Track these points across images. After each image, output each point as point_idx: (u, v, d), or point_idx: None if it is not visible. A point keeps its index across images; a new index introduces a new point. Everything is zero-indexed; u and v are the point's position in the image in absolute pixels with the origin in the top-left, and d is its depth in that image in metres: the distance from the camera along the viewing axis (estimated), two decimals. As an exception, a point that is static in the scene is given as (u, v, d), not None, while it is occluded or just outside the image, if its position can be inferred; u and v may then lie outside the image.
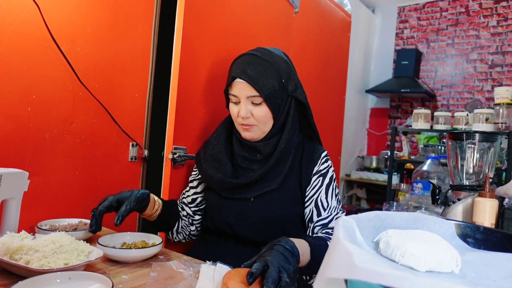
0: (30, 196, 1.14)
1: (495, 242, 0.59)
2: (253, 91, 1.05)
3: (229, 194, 1.13)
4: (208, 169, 1.16)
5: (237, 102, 1.10)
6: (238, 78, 1.06)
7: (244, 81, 1.05)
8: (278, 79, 1.07)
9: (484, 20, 4.08)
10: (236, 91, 1.07)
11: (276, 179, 1.10)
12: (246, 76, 1.05)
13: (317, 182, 1.13)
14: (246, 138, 1.12)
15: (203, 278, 0.83)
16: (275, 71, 1.07)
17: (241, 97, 1.07)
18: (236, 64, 1.10)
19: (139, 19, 1.46)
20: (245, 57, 1.10)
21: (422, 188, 1.92)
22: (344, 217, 0.53)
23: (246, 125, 1.09)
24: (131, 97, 1.48)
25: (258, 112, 1.07)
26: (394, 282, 0.36)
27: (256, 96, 1.05)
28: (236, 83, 1.07)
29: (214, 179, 1.13)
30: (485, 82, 4.07)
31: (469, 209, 1.17)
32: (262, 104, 1.07)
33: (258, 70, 1.05)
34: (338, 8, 2.48)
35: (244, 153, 1.14)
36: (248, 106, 1.07)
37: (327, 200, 1.11)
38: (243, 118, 1.08)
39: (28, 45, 1.16)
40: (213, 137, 1.22)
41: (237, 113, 1.09)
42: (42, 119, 1.21)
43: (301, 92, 1.14)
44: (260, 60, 1.07)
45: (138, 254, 0.95)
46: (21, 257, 0.79)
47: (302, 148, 1.18)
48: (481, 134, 1.30)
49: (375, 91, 4.44)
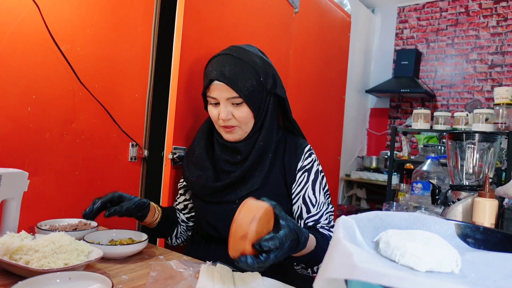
0: (30, 196, 1.14)
1: (495, 242, 0.59)
2: (232, 93, 1.03)
3: (212, 198, 1.12)
4: (190, 176, 1.15)
5: (216, 104, 1.07)
6: (215, 81, 1.04)
7: (222, 83, 1.03)
8: (256, 78, 1.05)
9: (484, 20, 4.08)
10: (215, 93, 1.05)
11: (257, 179, 1.08)
12: (224, 78, 1.02)
13: (303, 178, 1.10)
14: (229, 139, 1.10)
15: (203, 278, 0.83)
16: (253, 70, 1.05)
17: (221, 99, 1.05)
18: (211, 65, 1.07)
19: (139, 19, 1.46)
20: (220, 57, 1.07)
21: (422, 188, 1.92)
22: (344, 217, 0.53)
23: (228, 126, 1.07)
24: (131, 97, 1.48)
25: (239, 113, 1.05)
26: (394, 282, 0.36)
27: (236, 97, 1.03)
28: (214, 85, 1.04)
29: (196, 186, 1.13)
30: (485, 82, 4.07)
31: (469, 209, 1.17)
32: (243, 104, 1.05)
33: (236, 70, 1.03)
34: (338, 8, 2.48)
35: (225, 156, 1.12)
36: (228, 108, 1.05)
37: (315, 196, 1.10)
38: (224, 121, 1.06)
39: (28, 45, 1.16)
40: (194, 144, 1.20)
41: (217, 115, 1.06)
42: (42, 119, 1.21)
43: (280, 87, 1.12)
44: (236, 60, 1.05)
45: (123, 250, 0.96)
46: (21, 257, 0.79)
47: (284, 144, 1.15)
48: (481, 134, 1.30)
49: (375, 91, 4.44)
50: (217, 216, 1.11)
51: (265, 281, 0.87)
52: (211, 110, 1.09)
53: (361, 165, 4.54)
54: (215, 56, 1.10)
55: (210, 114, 1.10)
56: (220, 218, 1.11)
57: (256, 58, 1.08)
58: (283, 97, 1.13)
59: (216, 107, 1.07)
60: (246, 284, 0.84)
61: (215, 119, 1.09)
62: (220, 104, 1.06)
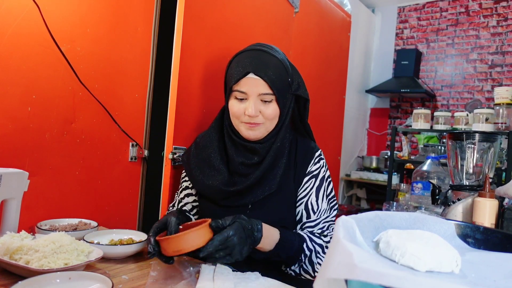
0: (30, 196, 1.14)
1: (495, 242, 0.59)
2: (267, 89, 0.98)
3: (226, 202, 1.06)
4: (202, 177, 1.08)
5: (242, 99, 1.01)
6: (251, 74, 0.98)
7: (258, 77, 0.98)
8: (287, 77, 1.03)
9: (484, 20, 4.08)
10: (246, 87, 0.99)
11: (273, 182, 1.04)
12: (262, 72, 0.97)
13: (309, 184, 1.09)
14: (249, 137, 1.04)
15: (203, 278, 0.83)
16: (284, 69, 1.03)
17: (251, 94, 0.99)
18: (244, 58, 1.01)
19: (139, 19, 1.46)
20: (253, 52, 1.02)
21: (422, 188, 1.92)
22: (344, 217, 0.53)
23: (252, 123, 1.01)
24: (131, 97, 1.48)
25: (267, 110, 1.01)
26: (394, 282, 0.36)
27: (269, 94, 0.99)
28: (247, 79, 0.99)
29: (209, 189, 1.06)
30: (485, 82, 4.07)
31: (469, 209, 1.17)
32: (273, 102, 1.01)
33: (272, 67, 0.99)
34: (338, 8, 2.48)
35: (240, 159, 1.06)
36: (257, 104, 1.00)
37: (317, 203, 1.08)
38: (250, 117, 1.00)
39: (28, 45, 1.16)
40: (204, 140, 1.13)
41: (243, 111, 1.01)
42: (42, 119, 1.21)
43: (304, 89, 1.10)
44: (271, 57, 1.01)
45: (123, 250, 0.96)
46: (21, 257, 0.79)
47: (296, 145, 1.12)
48: (481, 134, 1.30)
49: (375, 91, 4.44)
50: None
51: (265, 281, 0.87)
52: (235, 104, 1.02)
53: (361, 165, 4.54)
54: (244, 50, 1.05)
55: (232, 109, 1.03)
56: None
57: (285, 58, 1.06)
58: (307, 99, 1.10)
59: (242, 102, 1.01)
60: (246, 284, 0.84)
61: (237, 114, 1.02)
62: (248, 99, 1.00)
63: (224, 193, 1.04)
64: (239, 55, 1.04)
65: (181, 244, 0.81)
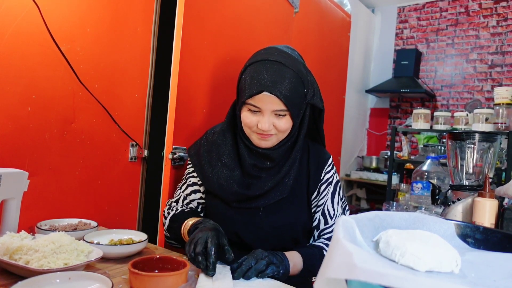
0: (30, 196, 1.14)
1: (495, 242, 0.59)
2: (281, 105, 0.97)
3: (238, 204, 1.06)
4: (214, 174, 1.07)
5: (256, 112, 1.00)
6: (266, 92, 0.96)
7: (274, 96, 0.96)
8: (302, 89, 1.01)
9: (484, 20, 4.08)
10: (261, 103, 0.97)
11: (286, 187, 1.05)
12: (277, 91, 0.95)
13: (326, 192, 1.11)
14: (261, 146, 1.04)
15: (203, 278, 0.83)
16: (300, 82, 1.00)
17: (266, 111, 0.98)
18: (259, 71, 0.98)
19: (139, 19, 1.46)
20: (269, 64, 0.98)
21: (422, 188, 1.92)
22: (344, 217, 0.53)
23: (264, 135, 1.01)
24: (131, 97, 1.48)
25: (281, 124, 1.00)
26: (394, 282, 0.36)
27: (283, 110, 0.98)
28: (263, 96, 0.96)
29: (225, 189, 1.05)
30: (485, 82, 4.07)
31: (469, 209, 1.17)
32: (286, 115, 1.00)
33: (287, 83, 0.97)
34: (338, 8, 2.48)
35: (252, 161, 1.06)
36: (270, 119, 0.99)
37: (333, 208, 1.11)
38: (264, 130, 0.99)
39: (28, 45, 1.16)
40: (217, 137, 1.11)
41: (256, 123, 1.00)
42: (42, 119, 1.21)
43: (318, 97, 1.09)
44: (287, 71, 0.98)
45: (123, 250, 0.96)
46: (20, 257, 0.79)
47: (308, 151, 1.13)
48: (480, 134, 1.30)
49: (375, 91, 4.44)
50: (242, 223, 1.07)
51: (265, 281, 0.87)
52: (248, 116, 1.01)
53: (361, 165, 4.54)
54: (259, 59, 1.00)
55: (245, 120, 1.02)
56: (245, 225, 1.07)
57: (301, 66, 1.03)
58: (322, 109, 1.10)
59: (255, 114, 1.00)
60: (246, 284, 0.84)
61: (250, 125, 1.02)
62: (261, 113, 0.99)
63: (239, 195, 1.05)
64: (254, 65, 1.01)
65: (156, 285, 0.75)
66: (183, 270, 0.79)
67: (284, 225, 1.06)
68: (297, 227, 1.08)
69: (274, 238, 1.07)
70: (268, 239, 1.07)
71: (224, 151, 1.09)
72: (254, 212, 1.06)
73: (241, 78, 1.04)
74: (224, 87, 1.54)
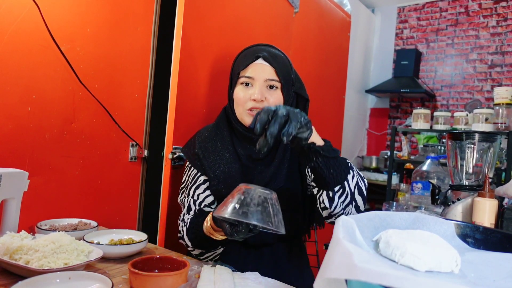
0: (30, 196, 1.14)
1: (494, 242, 0.59)
2: (274, 75, 1.03)
3: None
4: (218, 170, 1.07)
5: (248, 85, 1.04)
6: (261, 59, 1.03)
7: (267, 64, 1.03)
8: (290, 72, 1.08)
9: (484, 20, 4.08)
10: (254, 72, 1.03)
11: (281, 177, 1.07)
12: (271, 58, 1.03)
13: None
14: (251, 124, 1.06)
15: (204, 278, 0.83)
16: (289, 65, 1.08)
17: (259, 80, 1.02)
18: (253, 48, 1.07)
19: (139, 19, 1.46)
20: (262, 45, 1.09)
21: (422, 188, 1.92)
22: (344, 217, 0.53)
23: (258, 108, 1.01)
24: (131, 97, 1.48)
25: (272, 97, 1.03)
26: (394, 282, 0.36)
27: (275, 80, 1.03)
28: (256, 64, 1.03)
29: (229, 183, 1.05)
30: (485, 82, 4.07)
31: (469, 209, 1.17)
32: (278, 90, 1.04)
33: (280, 58, 1.06)
34: (338, 8, 2.48)
35: (247, 152, 1.08)
36: (263, 90, 1.02)
37: None
38: (256, 101, 1.01)
39: (28, 45, 1.16)
40: (208, 132, 1.13)
41: (248, 97, 1.03)
42: (42, 119, 1.21)
43: (304, 91, 1.13)
44: (278, 51, 1.08)
45: (123, 250, 0.96)
46: (21, 257, 0.79)
47: None
48: (480, 134, 1.30)
49: (375, 91, 4.44)
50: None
51: (265, 281, 0.87)
52: (240, 91, 1.04)
53: (361, 165, 4.54)
54: (253, 45, 1.10)
55: (237, 96, 1.05)
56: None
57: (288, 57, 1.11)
58: (307, 99, 1.14)
59: (248, 88, 1.04)
60: (246, 284, 0.84)
61: (242, 101, 1.04)
62: (254, 85, 1.03)
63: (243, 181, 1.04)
64: (247, 49, 1.10)
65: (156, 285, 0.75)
66: (183, 270, 0.79)
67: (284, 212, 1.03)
68: (296, 216, 1.09)
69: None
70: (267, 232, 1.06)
71: (221, 146, 1.10)
72: None
73: (234, 63, 1.11)
74: (224, 87, 1.53)
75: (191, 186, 1.12)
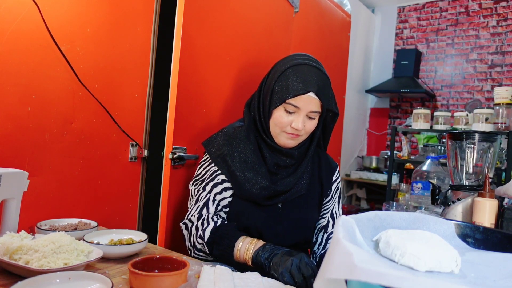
0: (30, 196, 1.14)
1: (494, 242, 0.59)
2: (318, 107, 1.06)
3: (263, 200, 1.10)
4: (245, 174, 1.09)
5: (291, 112, 1.05)
6: (312, 93, 1.03)
7: (316, 97, 1.04)
8: (331, 100, 1.11)
9: (484, 20, 4.08)
10: (302, 103, 1.03)
11: (303, 185, 1.13)
12: (322, 95, 1.04)
13: (336, 196, 1.24)
14: (287, 145, 1.10)
15: (204, 278, 0.83)
16: (330, 87, 1.10)
17: (303, 110, 1.05)
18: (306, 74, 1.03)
19: (139, 19, 1.46)
20: (310, 69, 1.05)
21: (422, 188, 1.92)
22: (344, 217, 0.53)
23: (295, 135, 1.08)
24: (131, 97, 1.48)
25: (310, 125, 1.08)
26: (394, 282, 0.36)
27: (318, 112, 1.06)
28: (306, 97, 1.03)
29: (254, 185, 1.08)
30: (485, 82, 4.07)
31: (469, 209, 1.17)
32: (316, 118, 1.09)
33: (326, 88, 1.07)
34: (338, 8, 2.48)
35: (274, 160, 1.12)
36: (304, 119, 1.06)
37: (339, 211, 1.25)
38: (296, 130, 1.06)
39: (27, 45, 1.16)
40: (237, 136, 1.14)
41: (289, 123, 1.06)
42: (42, 119, 1.21)
43: (335, 103, 1.15)
44: (324, 77, 1.07)
45: (123, 250, 0.96)
46: (20, 257, 0.79)
47: (318, 157, 1.23)
48: (480, 134, 1.30)
49: (375, 91, 4.44)
50: (263, 219, 1.11)
51: (265, 281, 0.87)
52: (283, 115, 1.06)
53: (361, 165, 4.54)
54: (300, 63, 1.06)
55: (279, 119, 1.06)
56: (265, 221, 1.11)
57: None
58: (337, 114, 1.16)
59: (290, 115, 1.06)
60: (246, 284, 0.84)
61: (283, 125, 1.07)
62: (297, 113, 1.05)
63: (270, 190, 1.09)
64: (297, 67, 1.05)
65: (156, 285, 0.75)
66: (183, 270, 0.79)
67: (300, 220, 1.14)
68: (310, 224, 1.18)
69: (290, 234, 1.13)
70: (285, 236, 1.12)
71: (249, 151, 1.12)
72: (274, 208, 1.13)
73: (278, 79, 1.07)
74: (225, 87, 1.54)
75: (209, 181, 1.12)
